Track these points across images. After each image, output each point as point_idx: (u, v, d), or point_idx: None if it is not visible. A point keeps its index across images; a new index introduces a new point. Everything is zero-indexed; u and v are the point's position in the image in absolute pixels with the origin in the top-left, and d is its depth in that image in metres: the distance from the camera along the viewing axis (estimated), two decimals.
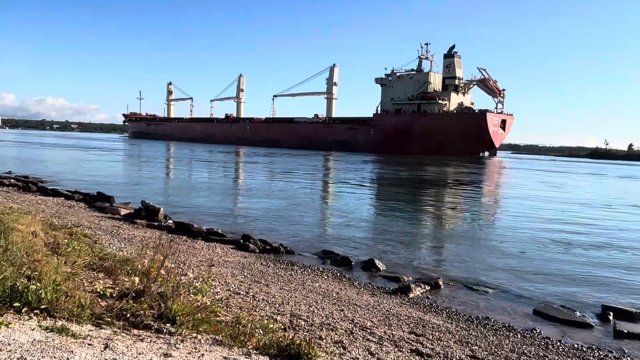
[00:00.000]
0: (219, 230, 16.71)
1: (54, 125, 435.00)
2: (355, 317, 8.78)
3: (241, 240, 15.54)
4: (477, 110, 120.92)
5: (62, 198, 22.29)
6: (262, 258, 13.72)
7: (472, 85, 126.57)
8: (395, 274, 12.96)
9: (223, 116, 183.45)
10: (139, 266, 7.98)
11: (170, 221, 18.08)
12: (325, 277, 12.26)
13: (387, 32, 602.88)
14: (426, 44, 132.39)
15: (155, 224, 17.29)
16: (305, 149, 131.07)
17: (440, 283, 12.23)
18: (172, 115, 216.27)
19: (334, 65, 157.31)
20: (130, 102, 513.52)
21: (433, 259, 15.21)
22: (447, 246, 17.10)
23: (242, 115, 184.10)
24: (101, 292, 6.74)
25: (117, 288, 6.99)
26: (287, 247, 15.11)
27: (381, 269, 13.39)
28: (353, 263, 13.81)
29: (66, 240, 9.66)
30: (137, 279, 7.15)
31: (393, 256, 15.14)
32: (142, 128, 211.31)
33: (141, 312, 6.14)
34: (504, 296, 11.66)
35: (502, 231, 20.00)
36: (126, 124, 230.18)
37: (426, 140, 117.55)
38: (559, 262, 14.92)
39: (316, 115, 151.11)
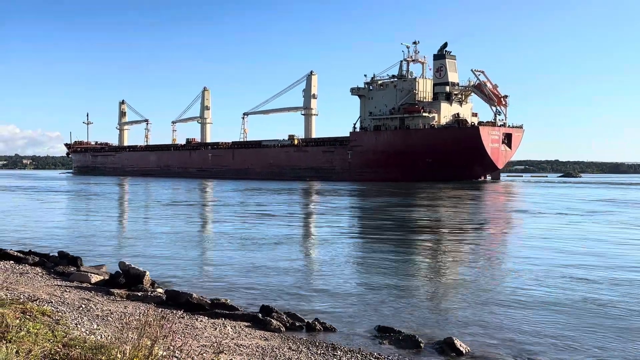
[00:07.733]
0: (228, 301, 14.83)
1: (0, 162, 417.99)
2: None
3: (259, 315, 13.69)
4: (470, 124, 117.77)
5: (11, 262, 20.26)
6: (291, 340, 11.93)
7: (470, 93, 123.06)
8: None
9: (184, 141, 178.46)
10: (119, 355, 7.81)
11: (160, 290, 16.22)
12: None
13: (378, 29, 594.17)
14: (414, 42, 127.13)
15: (140, 294, 15.52)
16: (276, 179, 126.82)
17: None
18: (125, 143, 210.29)
19: (311, 72, 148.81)
20: (77, 128, 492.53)
21: (529, 332, 12.73)
22: (534, 313, 14.37)
23: (208, 139, 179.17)
24: None
25: None
26: (325, 323, 13.19)
27: (464, 351, 11.43)
28: (422, 344, 11.86)
29: (18, 321, 9.39)
30: None
31: (473, 330, 12.95)
32: (87, 161, 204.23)
33: None
34: None
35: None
36: (70, 156, 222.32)
37: (411, 164, 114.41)
38: None
39: (291, 137, 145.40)
